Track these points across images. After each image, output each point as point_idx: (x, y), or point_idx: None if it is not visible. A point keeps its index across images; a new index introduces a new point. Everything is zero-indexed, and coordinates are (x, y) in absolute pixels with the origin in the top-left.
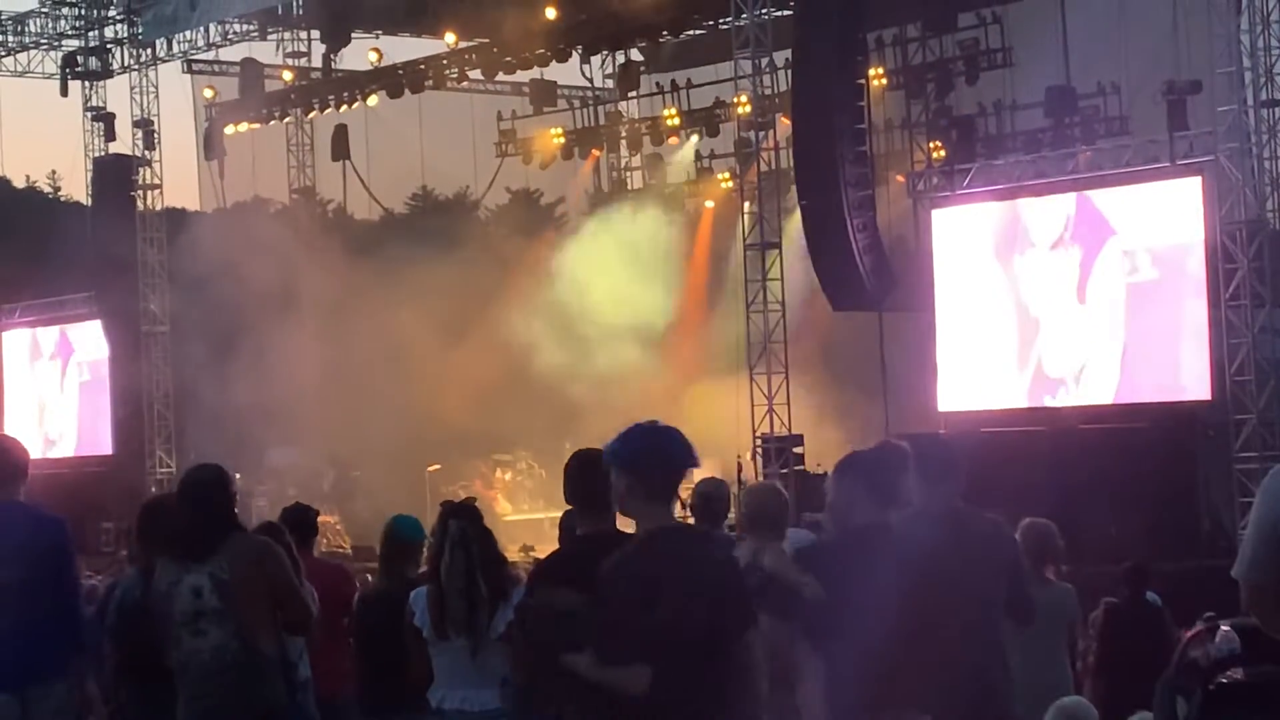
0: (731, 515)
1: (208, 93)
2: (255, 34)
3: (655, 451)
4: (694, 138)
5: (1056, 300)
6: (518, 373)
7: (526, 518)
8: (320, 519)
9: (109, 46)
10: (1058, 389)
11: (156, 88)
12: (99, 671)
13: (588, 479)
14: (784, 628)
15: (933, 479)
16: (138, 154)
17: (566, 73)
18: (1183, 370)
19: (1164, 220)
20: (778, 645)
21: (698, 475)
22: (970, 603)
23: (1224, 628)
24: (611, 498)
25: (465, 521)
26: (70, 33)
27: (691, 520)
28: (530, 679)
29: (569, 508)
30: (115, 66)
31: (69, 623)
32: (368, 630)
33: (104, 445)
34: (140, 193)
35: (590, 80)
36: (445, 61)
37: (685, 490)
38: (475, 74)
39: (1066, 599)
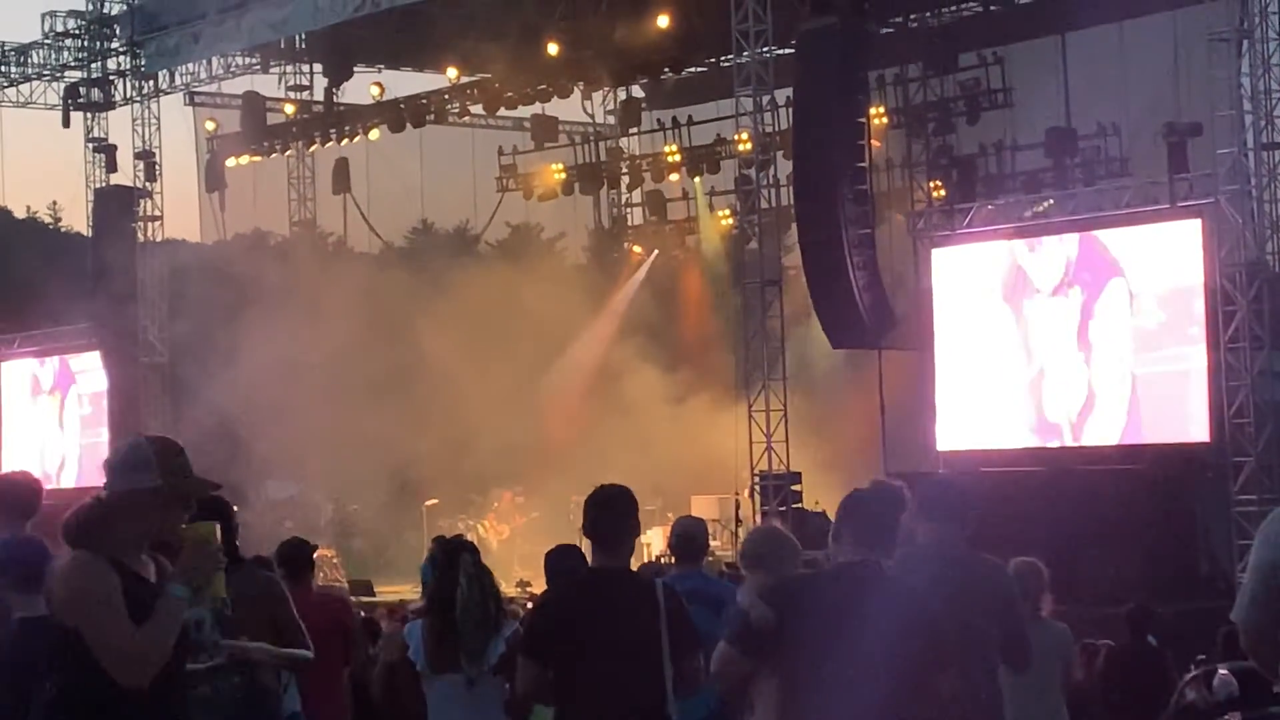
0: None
1: (209, 125)
2: (257, 67)
3: None
4: None
5: (1056, 341)
6: (517, 407)
7: (522, 553)
8: (317, 553)
9: (111, 78)
10: (1057, 430)
11: (158, 119)
12: None
13: (609, 515)
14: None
15: (935, 519)
16: (139, 185)
17: (568, 108)
18: (1182, 412)
19: (1163, 262)
20: (732, 668)
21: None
22: (962, 644)
23: (1222, 671)
24: (630, 536)
25: (474, 555)
26: (73, 64)
27: (673, 558)
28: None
29: (555, 546)
30: (117, 98)
31: None
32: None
33: (101, 476)
34: (141, 224)
35: (591, 116)
36: (447, 96)
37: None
38: (477, 109)
39: (1060, 638)
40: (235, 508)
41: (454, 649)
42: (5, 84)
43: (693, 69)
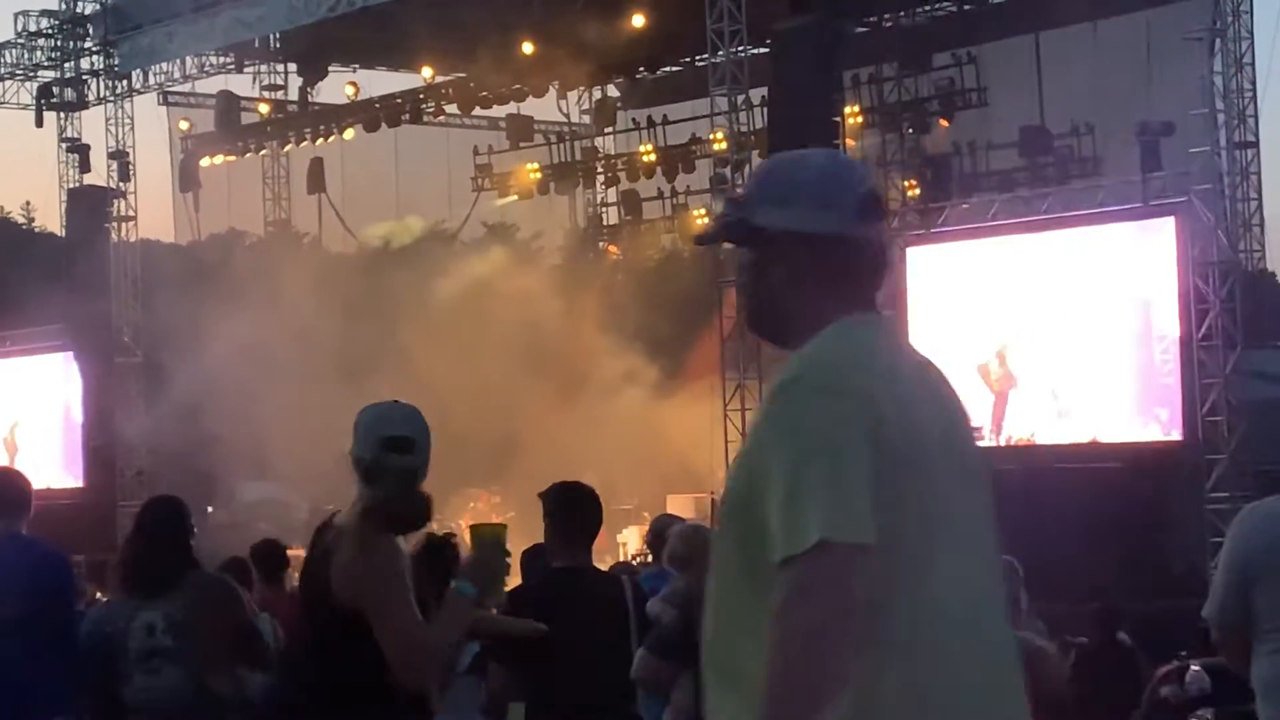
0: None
1: (183, 125)
2: (232, 66)
3: None
4: None
5: (1029, 339)
6: (492, 406)
7: None
8: (293, 552)
9: (85, 78)
10: (1030, 427)
11: (132, 119)
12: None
13: (570, 512)
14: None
15: None
16: (112, 185)
17: (543, 108)
18: (1155, 410)
19: (1137, 261)
20: (648, 673)
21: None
22: None
23: (1194, 667)
24: (591, 533)
25: (442, 561)
26: (46, 64)
27: (649, 556)
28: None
29: (530, 545)
30: (91, 98)
31: (69, 659)
32: None
33: (75, 478)
34: (115, 224)
35: (567, 116)
36: (422, 96)
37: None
38: (452, 108)
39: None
40: (210, 509)
41: None
42: None
43: (668, 68)
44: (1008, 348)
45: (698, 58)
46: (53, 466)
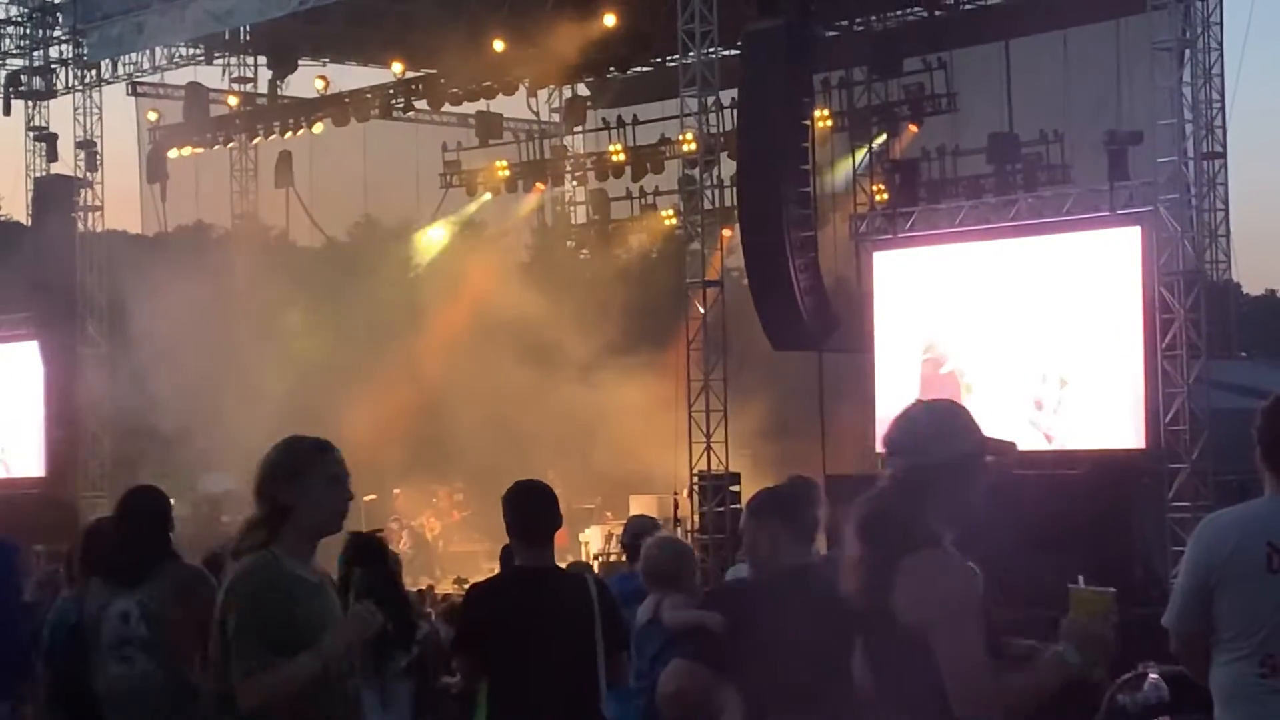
0: None
1: (152, 115)
2: (201, 58)
3: None
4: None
5: (992, 346)
6: (456, 403)
7: (461, 550)
8: None
9: (53, 66)
10: (993, 434)
11: (100, 109)
12: (34, 695)
13: (528, 510)
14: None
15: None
16: (80, 175)
17: (513, 106)
18: (1118, 419)
19: (1103, 269)
20: (698, 685)
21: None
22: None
23: (1152, 676)
24: (550, 530)
25: (370, 568)
26: (14, 52)
27: (625, 556)
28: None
29: (507, 543)
30: (59, 87)
31: (13, 646)
32: None
33: (36, 467)
34: (81, 214)
35: (536, 114)
36: (392, 91)
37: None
38: (421, 104)
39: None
40: (172, 500)
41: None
42: None
43: (638, 68)
44: (972, 352)
45: (668, 58)
46: (19, 457)
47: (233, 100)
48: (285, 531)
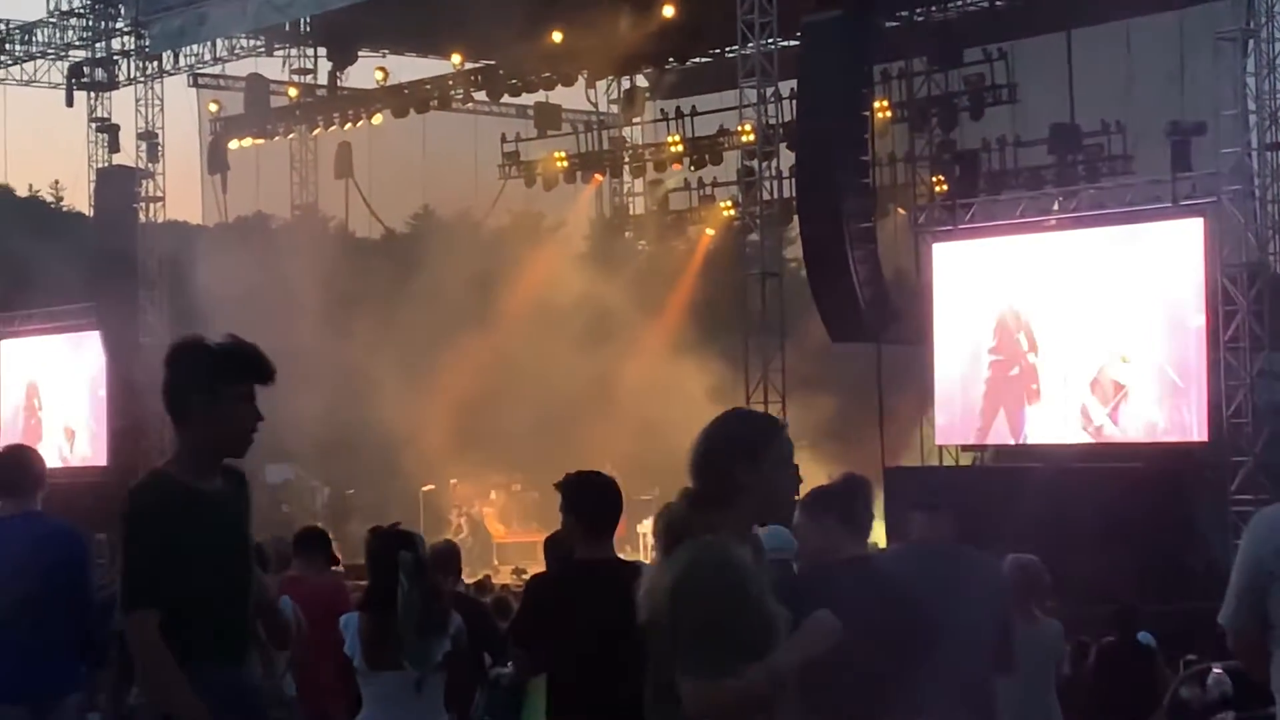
0: None
1: (213, 107)
2: (262, 50)
3: None
4: None
5: (1054, 337)
6: (513, 393)
7: (520, 540)
8: None
9: (115, 58)
10: (1054, 426)
11: (162, 100)
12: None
13: (590, 502)
14: None
15: (927, 512)
16: (141, 166)
17: (571, 97)
18: (1180, 411)
19: (1165, 261)
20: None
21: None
22: (956, 642)
23: (1216, 670)
24: (611, 523)
25: (415, 551)
26: (77, 43)
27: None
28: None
29: (552, 533)
30: (121, 78)
31: (83, 636)
32: None
33: (100, 456)
34: (143, 205)
35: (595, 105)
36: (451, 82)
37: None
38: (480, 95)
39: (1056, 637)
40: None
41: (395, 649)
42: (9, 62)
43: (697, 59)
44: (1032, 345)
45: (727, 49)
46: (80, 445)
47: (293, 92)
48: (729, 515)
